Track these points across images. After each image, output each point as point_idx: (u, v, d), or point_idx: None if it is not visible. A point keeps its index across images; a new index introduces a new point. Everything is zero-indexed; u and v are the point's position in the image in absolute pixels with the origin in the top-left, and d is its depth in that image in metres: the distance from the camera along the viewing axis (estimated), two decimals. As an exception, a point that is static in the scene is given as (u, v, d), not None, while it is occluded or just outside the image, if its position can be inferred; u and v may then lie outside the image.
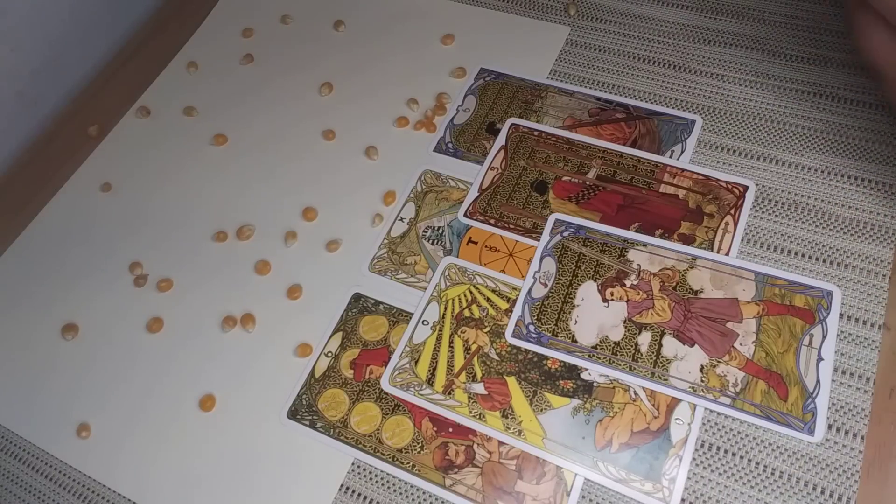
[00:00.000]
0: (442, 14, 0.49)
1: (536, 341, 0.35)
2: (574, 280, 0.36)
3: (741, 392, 0.32)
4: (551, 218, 0.38)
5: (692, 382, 0.33)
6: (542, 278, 0.36)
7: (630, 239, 0.37)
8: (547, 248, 0.37)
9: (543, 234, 0.38)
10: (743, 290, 0.35)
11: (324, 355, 0.37)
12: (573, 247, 0.37)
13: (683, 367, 0.33)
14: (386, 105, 0.45)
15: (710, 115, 0.41)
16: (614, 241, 0.37)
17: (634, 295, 0.35)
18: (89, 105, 0.50)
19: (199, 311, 0.39)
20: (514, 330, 0.35)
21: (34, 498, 0.35)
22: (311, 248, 0.40)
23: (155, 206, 0.44)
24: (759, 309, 0.34)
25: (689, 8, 0.46)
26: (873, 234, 0.36)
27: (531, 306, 0.36)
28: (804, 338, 0.33)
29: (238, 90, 0.48)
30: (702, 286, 0.35)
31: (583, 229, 0.38)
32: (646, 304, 0.35)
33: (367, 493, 0.33)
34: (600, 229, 0.38)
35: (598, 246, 0.37)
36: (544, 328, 0.35)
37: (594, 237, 0.37)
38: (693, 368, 0.33)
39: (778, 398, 0.32)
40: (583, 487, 0.32)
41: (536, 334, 0.35)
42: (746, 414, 0.32)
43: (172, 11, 0.54)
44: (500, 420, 0.33)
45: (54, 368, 0.38)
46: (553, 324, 0.35)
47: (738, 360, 0.33)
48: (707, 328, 0.34)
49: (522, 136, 0.42)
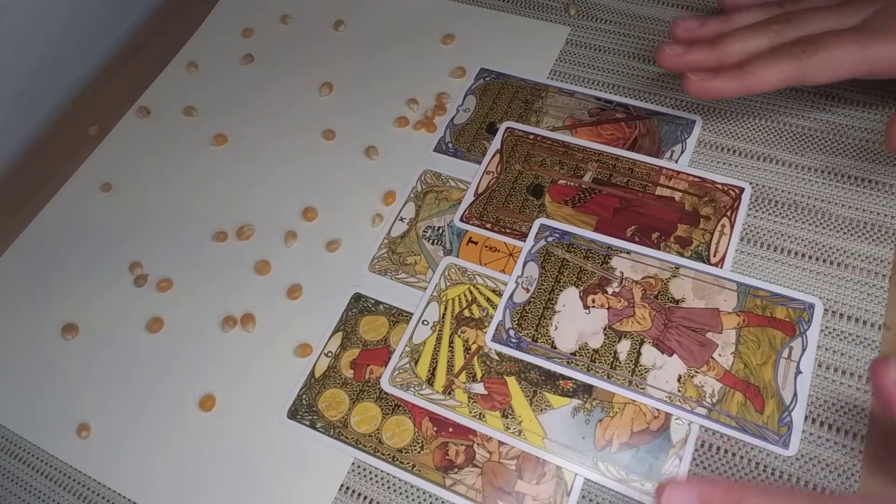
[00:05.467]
0: (442, 14, 0.49)
1: (516, 346, 0.35)
2: (556, 286, 0.36)
3: (718, 403, 0.32)
4: (536, 223, 0.38)
5: (669, 392, 0.33)
6: (525, 283, 0.36)
7: (614, 246, 0.37)
8: (530, 253, 0.37)
9: (528, 239, 0.38)
10: (724, 300, 0.35)
11: (324, 355, 0.37)
12: (557, 252, 0.37)
13: (661, 377, 0.33)
14: (386, 105, 0.45)
15: (710, 115, 0.41)
16: (598, 247, 0.37)
17: (615, 302, 0.35)
18: (89, 105, 0.50)
19: (199, 311, 0.39)
20: (495, 334, 0.35)
21: (34, 498, 0.35)
22: (311, 248, 0.40)
23: (155, 206, 0.44)
24: (740, 320, 0.34)
25: (689, 8, 0.46)
26: (873, 234, 0.36)
27: (512, 311, 0.36)
28: (783, 350, 0.33)
29: (238, 90, 0.48)
30: (683, 295, 0.35)
31: (567, 235, 0.37)
32: (626, 311, 0.35)
33: (367, 493, 0.33)
34: (585, 235, 0.37)
35: (581, 252, 0.37)
36: (524, 333, 0.35)
37: (578, 243, 0.37)
38: (671, 378, 0.33)
39: (754, 410, 0.32)
40: (583, 487, 0.32)
41: (516, 339, 0.35)
42: (722, 425, 0.32)
43: (172, 11, 0.54)
44: (500, 420, 0.33)
45: (54, 368, 0.38)
46: (533, 329, 0.35)
47: (716, 370, 0.33)
48: (686, 338, 0.34)
49: (518, 139, 0.42)
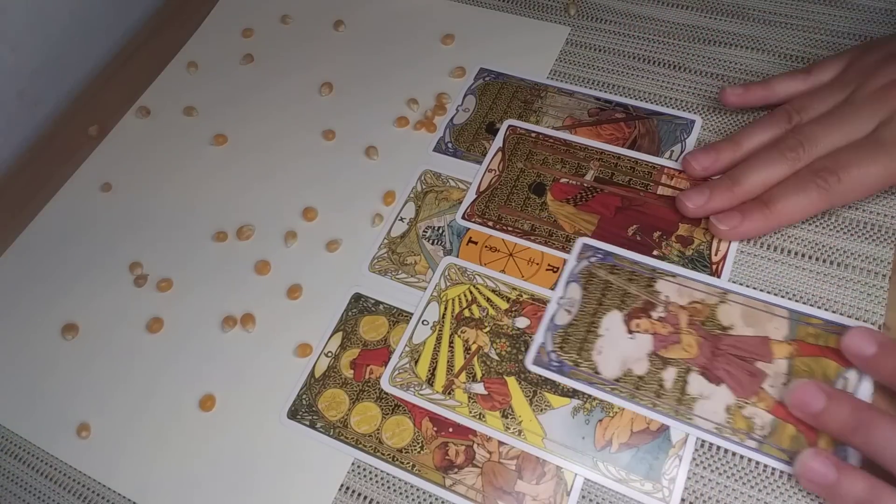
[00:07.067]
0: (442, 14, 0.49)
1: (558, 370, 0.34)
2: (599, 308, 0.35)
3: (769, 436, 0.31)
4: (578, 242, 0.37)
5: (717, 423, 0.31)
6: (567, 305, 0.35)
7: (659, 269, 0.35)
8: (573, 274, 0.36)
9: (569, 259, 0.37)
10: (775, 328, 0.33)
11: (324, 355, 0.37)
12: (600, 273, 0.36)
13: (709, 407, 0.32)
14: (386, 105, 0.45)
15: (710, 115, 0.41)
16: (643, 269, 0.36)
17: (661, 328, 0.34)
18: (89, 105, 0.50)
19: (199, 311, 0.39)
20: (536, 357, 0.34)
21: (34, 498, 0.35)
22: (311, 248, 0.40)
23: (155, 206, 0.44)
24: (792, 349, 0.32)
25: (689, 8, 0.46)
26: (873, 234, 0.36)
27: (554, 333, 0.35)
28: (838, 381, 0.31)
29: (238, 90, 0.48)
30: (732, 322, 0.34)
31: (611, 256, 0.36)
32: (672, 338, 0.34)
33: (367, 493, 0.33)
34: (629, 257, 0.36)
35: (625, 274, 0.36)
36: (566, 357, 0.34)
37: (622, 264, 0.36)
38: (719, 408, 0.32)
39: (807, 444, 0.30)
40: (583, 487, 0.32)
41: (558, 363, 0.34)
42: (773, 459, 0.30)
43: (172, 11, 0.54)
44: (499, 420, 0.33)
45: (54, 368, 0.38)
46: (576, 353, 0.34)
47: (766, 402, 0.31)
48: (735, 367, 0.32)
49: (520, 137, 0.42)
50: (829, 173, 0.33)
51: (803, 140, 0.35)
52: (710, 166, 0.37)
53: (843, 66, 0.37)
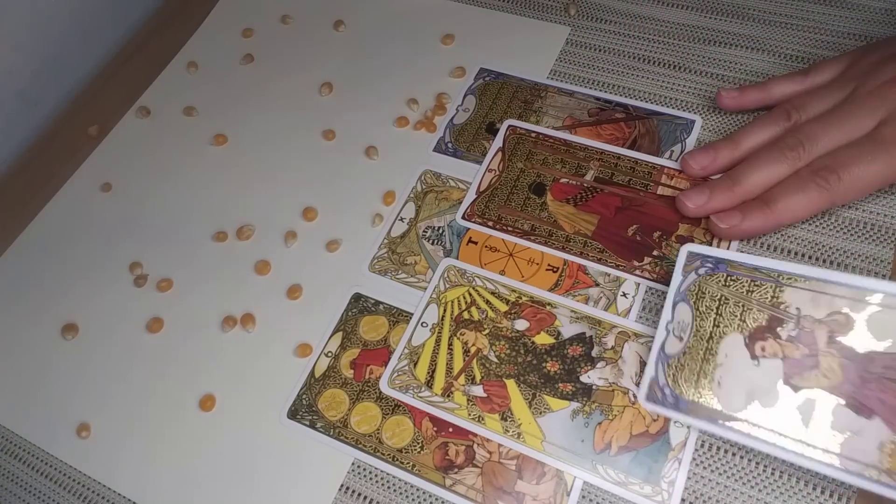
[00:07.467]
0: (442, 14, 0.49)
1: (673, 406, 0.29)
2: (715, 331, 0.30)
3: None
4: (683, 250, 0.32)
5: (867, 463, 0.26)
6: (677, 330, 0.30)
7: (785, 273, 0.29)
8: (680, 292, 0.31)
9: (675, 273, 0.31)
10: None
11: (324, 355, 0.37)
12: (712, 288, 0.30)
13: (857, 444, 0.27)
14: (386, 105, 0.45)
15: (710, 115, 0.41)
16: (764, 276, 0.30)
17: (792, 350, 0.29)
18: (89, 105, 0.50)
19: (199, 311, 0.39)
20: (649, 393, 0.30)
21: (34, 498, 0.35)
22: (311, 248, 0.40)
23: (155, 206, 0.44)
24: None
25: (689, 8, 0.45)
26: (873, 234, 0.36)
27: (665, 364, 0.30)
28: None
29: (238, 90, 0.48)
30: (887, 336, 0.28)
31: (723, 263, 0.30)
32: (808, 362, 0.28)
33: (367, 493, 0.33)
34: (746, 262, 0.30)
35: (743, 285, 0.30)
36: (682, 391, 0.30)
37: (738, 272, 0.30)
38: (870, 446, 0.26)
39: None
40: (582, 488, 0.32)
41: (673, 398, 0.29)
42: None
43: (172, 11, 0.54)
44: (499, 423, 0.33)
45: (54, 368, 0.38)
46: (692, 387, 0.29)
47: None
48: (892, 395, 0.27)
49: (520, 137, 0.42)
50: (830, 172, 0.33)
51: (803, 139, 0.35)
52: (709, 166, 0.37)
53: (843, 68, 0.37)
